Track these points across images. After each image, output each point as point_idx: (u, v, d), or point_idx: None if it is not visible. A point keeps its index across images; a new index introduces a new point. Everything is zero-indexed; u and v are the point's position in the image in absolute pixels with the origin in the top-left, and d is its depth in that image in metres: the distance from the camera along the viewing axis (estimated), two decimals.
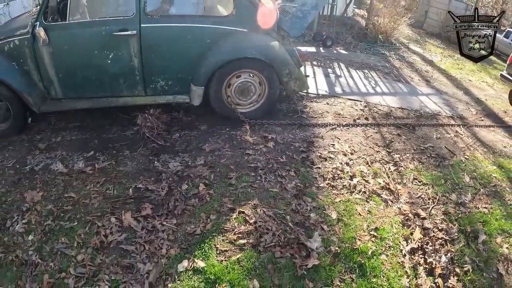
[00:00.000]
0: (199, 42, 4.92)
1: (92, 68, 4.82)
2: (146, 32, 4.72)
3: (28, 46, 4.62)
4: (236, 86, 5.25)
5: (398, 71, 10.12)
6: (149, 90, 5.08)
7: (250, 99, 5.42)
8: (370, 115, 6.50)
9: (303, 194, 4.12)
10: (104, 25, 4.69)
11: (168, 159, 4.50)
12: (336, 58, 9.74)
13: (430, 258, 3.63)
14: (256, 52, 5.03)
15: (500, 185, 5.14)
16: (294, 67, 5.35)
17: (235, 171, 4.37)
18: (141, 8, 4.66)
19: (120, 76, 4.91)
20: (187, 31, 4.87)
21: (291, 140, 5.13)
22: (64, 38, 4.68)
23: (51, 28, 4.58)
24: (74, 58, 4.77)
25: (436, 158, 5.42)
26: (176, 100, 5.18)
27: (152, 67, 4.93)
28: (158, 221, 3.59)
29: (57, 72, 4.78)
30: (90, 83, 4.93)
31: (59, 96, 4.95)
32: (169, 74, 5.05)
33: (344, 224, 3.81)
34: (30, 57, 4.67)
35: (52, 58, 4.68)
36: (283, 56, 5.23)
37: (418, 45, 14.40)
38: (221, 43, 4.94)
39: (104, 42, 4.69)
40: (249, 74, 5.22)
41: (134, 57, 4.80)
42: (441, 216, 4.24)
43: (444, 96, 8.71)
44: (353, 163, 4.87)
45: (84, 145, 4.72)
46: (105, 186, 4.00)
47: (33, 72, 4.75)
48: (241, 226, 3.60)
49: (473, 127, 7.01)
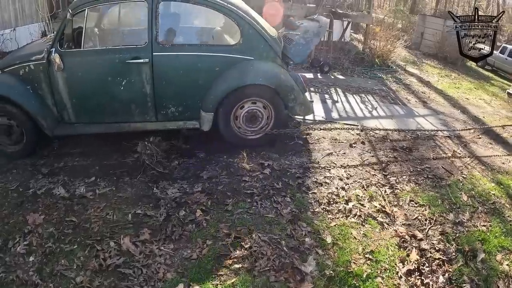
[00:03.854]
0: (209, 70, 5.07)
1: (105, 94, 4.97)
2: (158, 60, 4.88)
3: (43, 71, 4.78)
4: (244, 114, 5.39)
5: (395, 93, 10.19)
6: (160, 116, 5.20)
7: (258, 125, 5.53)
8: (366, 139, 6.54)
9: (298, 219, 4.15)
10: (117, 53, 4.88)
11: (166, 186, 4.56)
12: (333, 84, 9.84)
13: (427, 279, 3.63)
14: (263, 79, 5.21)
15: (499, 202, 5.14)
16: (299, 92, 5.50)
17: (232, 197, 4.42)
18: (153, 37, 4.83)
19: (132, 102, 5.06)
20: (197, 60, 5.05)
21: (287, 166, 5.17)
22: (79, 64, 4.85)
23: (66, 54, 4.75)
24: (88, 84, 4.93)
25: (433, 178, 5.43)
26: (186, 125, 5.30)
27: (164, 93, 5.07)
28: (155, 246, 3.65)
29: (70, 97, 4.91)
30: (103, 109, 5.06)
31: (72, 120, 5.08)
32: (179, 101, 5.18)
33: (339, 248, 3.82)
34: (44, 81, 4.83)
35: (66, 84, 4.84)
36: (289, 82, 5.39)
37: (415, 67, 14.51)
38: (229, 71, 5.10)
39: (118, 69, 4.86)
40: (254, 102, 5.36)
41: (146, 84, 4.95)
42: (438, 236, 4.25)
43: (441, 116, 8.76)
44: (349, 187, 4.91)
45: (86, 171, 4.79)
46: (105, 211, 4.07)
47: (47, 96, 4.89)
48: (236, 251, 3.63)
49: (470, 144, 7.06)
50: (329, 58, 11.68)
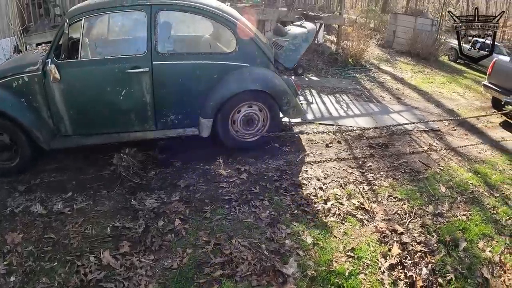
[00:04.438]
0: (207, 78, 5.19)
1: (104, 104, 4.95)
2: (157, 69, 4.93)
3: (39, 83, 4.71)
4: (241, 118, 5.54)
5: (369, 92, 10.26)
6: (159, 124, 5.25)
7: (255, 128, 5.69)
8: (342, 138, 6.57)
9: (278, 222, 4.14)
10: (117, 62, 4.87)
11: (144, 197, 4.51)
12: (307, 85, 9.84)
13: (410, 271, 3.63)
14: (259, 84, 5.37)
15: (478, 191, 5.22)
16: (292, 96, 5.70)
17: (210, 204, 4.39)
18: (152, 46, 4.88)
19: (132, 111, 5.06)
20: (196, 68, 5.14)
21: (264, 170, 5.17)
22: (77, 75, 4.81)
23: (62, 65, 4.68)
24: (86, 95, 4.89)
25: (411, 172, 5.48)
26: (186, 133, 5.37)
27: (163, 102, 5.13)
28: (136, 258, 3.60)
29: (68, 108, 4.86)
30: (102, 119, 5.04)
31: (69, 132, 5.02)
32: (179, 109, 5.25)
33: (320, 248, 3.81)
34: (40, 93, 4.75)
35: (63, 95, 4.77)
36: (282, 87, 5.58)
37: (388, 65, 14.64)
38: (227, 78, 5.24)
39: (117, 79, 4.86)
40: (250, 105, 5.52)
41: (146, 93, 4.98)
42: (419, 229, 4.27)
43: (415, 111, 8.86)
44: (327, 187, 4.92)
45: (63, 186, 4.71)
46: (84, 226, 4.00)
47: (43, 108, 4.81)
48: (216, 258, 3.60)
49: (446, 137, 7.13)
50: (303, 60, 11.71)
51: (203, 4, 5.20)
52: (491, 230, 4.42)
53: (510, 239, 4.35)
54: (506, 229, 4.53)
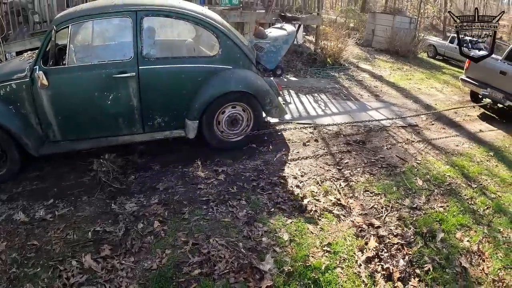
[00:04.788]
0: (192, 81, 5.28)
1: (92, 109, 4.97)
2: (144, 74, 4.99)
3: (26, 89, 4.70)
4: (225, 118, 5.64)
5: (348, 90, 10.32)
6: (147, 127, 5.32)
7: (239, 127, 5.81)
8: (319, 136, 6.62)
9: (254, 220, 4.17)
10: (104, 68, 4.90)
11: (124, 201, 4.52)
12: (286, 86, 9.86)
13: (387, 264, 3.69)
14: (243, 85, 5.50)
15: (455, 183, 5.30)
16: (274, 96, 5.87)
17: (188, 205, 4.42)
18: (138, 51, 4.94)
19: (120, 116, 5.10)
20: (181, 71, 5.22)
21: (241, 170, 5.20)
22: (65, 81, 4.81)
23: (50, 72, 4.67)
24: (74, 101, 4.90)
25: (387, 167, 5.54)
26: (173, 135, 5.45)
27: (150, 105, 5.19)
28: (116, 260, 3.61)
29: (56, 114, 4.85)
30: (90, 124, 5.07)
31: (57, 138, 5.02)
32: (165, 111, 5.33)
33: (297, 244, 3.85)
34: (28, 100, 4.73)
35: (51, 101, 4.77)
36: (265, 87, 5.73)
37: (367, 63, 14.72)
38: (211, 80, 5.34)
39: (105, 84, 4.90)
40: (234, 106, 5.64)
41: (133, 97, 5.04)
42: (395, 222, 4.33)
43: (393, 107, 8.94)
44: (304, 184, 4.95)
45: (44, 193, 4.69)
46: (65, 231, 4.00)
47: (31, 115, 4.80)
48: (195, 257, 3.63)
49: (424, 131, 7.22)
50: (282, 61, 11.71)
51: (186, 9, 5.27)
52: (468, 220, 4.49)
53: (488, 228, 4.42)
54: (484, 218, 4.62)
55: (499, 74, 8.44)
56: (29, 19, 9.24)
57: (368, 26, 19.73)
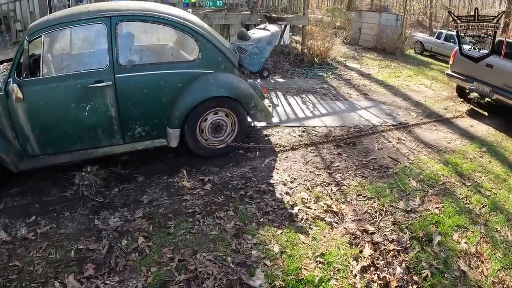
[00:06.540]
0: (172, 87, 5.10)
1: (69, 121, 4.78)
2: (120, 82, 4.83)
3: (1, 103, 4.55)
4: (208, 126, 5.47)
5: (336, 90, 10.23)
6: (127, 137, 5.15)
7: (224, 134, 5.65)
8: (309, 139, 6.47)
9: (243, 232, 4.00)
10: (79, 78, 4.73)
11: (107, 216, 4.36)
12: (273, 88, 9.75)
13: (383, 272, 3.56)
14: (225, 90, 5.33)
15: (449, 182, 5.23)
16: (258, 99, 5.70)
17: (174, 219, 4.25)
18: (114, 59, 4.78)
19: (98, 127, 4.93)
20: (160, 78, 5.04)
21: (228, 178, 5.03)
22: (39, 93, 4.62)
23: (25, 84, 4.51)
24: (50, 113, 4.72)
25: (380, 169, 5.42)
26: (154, 144, 5.29)
27: (129, 115, 5.02)
28: (100, 280, 3.44)
29: (33, 128, 4.69)
30: (68, 137, 4.89)
31: (36, 152, 4.86)
32: (145, 120, 5.16)
33: (288, 256, 3.69)
34: (3, 114, 4.58)
35: (27, 114, 4.61)
36: (248, 91, 5.57)
37: (355, 61, 14.70)
38: (192, 86, 5.17)
39: (80, 95, 4.72)
40: (216, 112, 5.46)
41: (111, 107, 4.87)
42: (390, 227, 4.21)
43: (383, 106, 8.86)
44: (293, 191, 4.79)
45: (26, 210, 4.53)
46: (48, 250, 3.84)
47: (7, 129, 4.65)
48: (181, 275, 3.46)
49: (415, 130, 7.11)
50: (268, 63, 11.63)
51: (163, 13, 5.11)
52: (465, 221, 4.41)
53: (485, 228, 4.35)
54: (480, 217, 4.55)
55: (485, 67, 8.38)
56: (11, 27, 9.14)
57: (354, 25, 19.78)
